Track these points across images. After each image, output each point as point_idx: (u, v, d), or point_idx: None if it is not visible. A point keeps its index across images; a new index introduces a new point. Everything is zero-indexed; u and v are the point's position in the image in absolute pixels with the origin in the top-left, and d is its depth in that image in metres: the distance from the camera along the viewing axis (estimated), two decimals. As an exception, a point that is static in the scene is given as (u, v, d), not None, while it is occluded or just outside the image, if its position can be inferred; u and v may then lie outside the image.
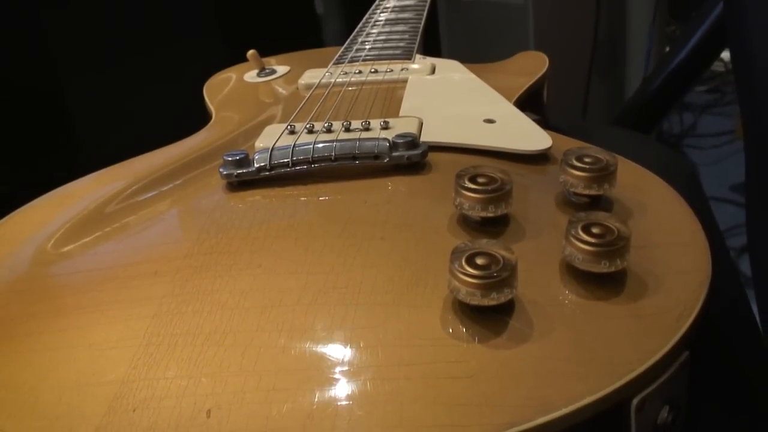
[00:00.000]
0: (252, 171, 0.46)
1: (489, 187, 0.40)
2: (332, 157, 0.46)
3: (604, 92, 1.63)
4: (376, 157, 0.46)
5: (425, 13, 0.79)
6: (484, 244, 0.35)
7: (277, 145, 0.48)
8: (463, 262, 0.34)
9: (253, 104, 0.63)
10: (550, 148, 0.48)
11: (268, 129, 0.52)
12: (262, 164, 0.46)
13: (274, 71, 0.69)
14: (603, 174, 0.41)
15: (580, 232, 0.36)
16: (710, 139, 1.86)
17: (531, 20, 1.54)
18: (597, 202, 0.43)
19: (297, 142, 0.47)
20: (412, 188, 0.45)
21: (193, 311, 0.36)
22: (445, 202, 0.41)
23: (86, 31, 1.19)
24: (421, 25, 0.74)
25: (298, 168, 0.46)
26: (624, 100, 1.68)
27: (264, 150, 0.47)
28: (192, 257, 0.40)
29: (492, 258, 0.34)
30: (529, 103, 0.60)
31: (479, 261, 0.34)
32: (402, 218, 0.42)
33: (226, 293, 0.37)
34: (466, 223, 0.41)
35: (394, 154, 0.46)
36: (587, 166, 0.42)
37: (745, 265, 0.63)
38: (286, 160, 0.46)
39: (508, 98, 0.56)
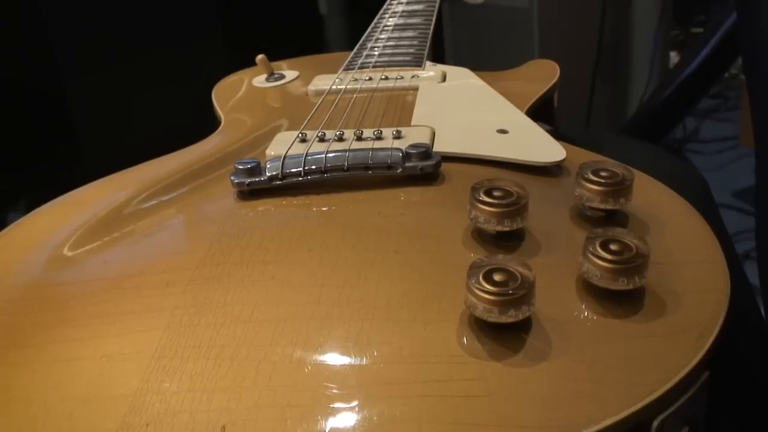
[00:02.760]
0: (264, 180, 0.46)
1: (505, 201, 0.39)
2: (345, 167, 0.46)
3: (608, 96, 1.63)
4: (389, 167, 0.45)
5: (434, 19, 0.78)
6: (502, 259, 0.35)
7: (289, 153, 0.48)
8: (481, 279, 0.34)
9: (262, 110, 0.63)
10: (564, 160, 0.47)
11: (279, 136, 0.52)
12: (274, 173, 0.46)
13: (282, 76, 0.68)
14: (619, 188, 0.41)
15: (599, 249, 0.36)
16: (713, 145, 1.86)
17: (536, 24, 1.54)
18: (612, 217, 0.42)
19: (309, 151, 0.47)
20: (425, 199, 0.44)
21: (206, 324, 0.36)
22: (460, 214, 0.41)
23: (89, 31, 1.18)
24: (431, 32, 0.74)
25: (310, 177, 0.46)
26: (628, 104, 1.67)
27: (276, 159, 0.46)
28: (204, 268, 0.39)
29: (510, 275, 0.34)
30: (540, 112, 0.59)
31: (497, 277, 0.34)
32: (416, 230, 0.41)
33: (239, 305, 0.37)
34: (481, 236, 0.40)
35: (408, 164, 0.45)
36: (603, 180, 0.41)
37: (748, 271, 0.63)
38: (298, 170, 0.46)
39: (520, 107, 0.56)
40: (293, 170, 0.46)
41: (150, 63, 1.23)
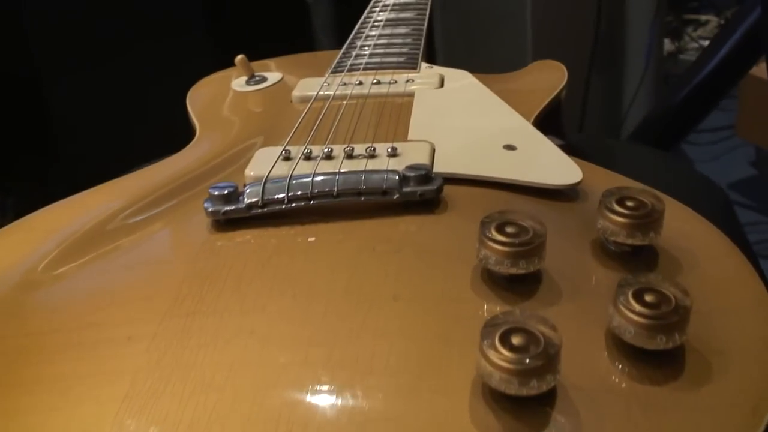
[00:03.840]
0: (242, 208, 0.40)
1: (520, 240, 0.34)
2: (334, 193, 0.40)
3: (602, 86, 1.58)
4: (385, 192, 0.40)
5: (428, 13, 0.73)
6: (520, 317, 0.30)
7: (272, 176, 0.42)
8: (497, 342, 0.28)
9: (242, 118, 0.57)
10: (580, 182, 0.42)
11: (259, 153, 0.46)
12: (254, 200, 0.40)
13: (264, 79, 0.62)
14: (648, 221, 0.36)
15: (632, 301, 0.31)
16: (707, 135, 1.81)
17: (528, 13, 1.49)
18: (640, 252, 0.37)
19: (294, 174, 0.42)
20: (426, 232, 0.39)
21: (172, 392, 0.30)
22: (466, 250, 0.36)
23: (69, 28, 1.12)
24: (425, 28, 0.68)
25: (294, 205, 0.40)
26: (623, 96, 1.62)
27: (255, 183, 0.41)
28: (172, 318, 0.34)
29: (531, 337, 0.29)
30: (547, 121, 0.54)
31: (516, 340, 0.29)
32: (417, 271, 0.36)
33: (212, 368, 0.31)
34: (492, 279, 0.35)
35: (405, 189, 0.40)
36: (630, 212, 0.36)
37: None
38: (281, 196, 0.40)
39: (527, 116, 0.50)
40: (276, 197, 0.40)
41: (130, 59, 1.17)
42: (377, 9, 0.75)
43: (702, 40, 2.21)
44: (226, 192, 0.40)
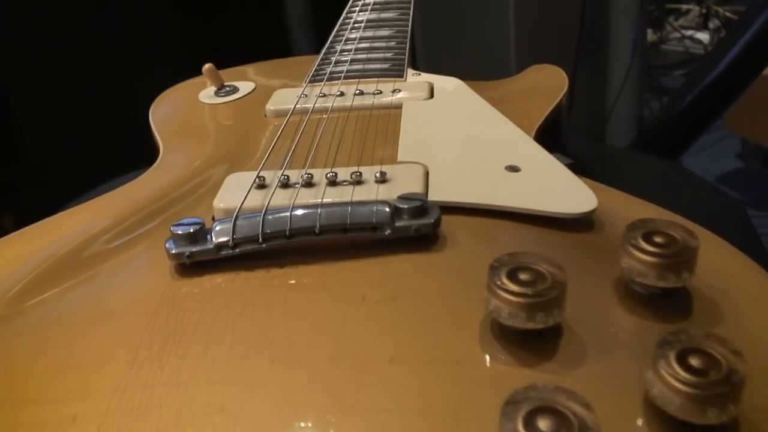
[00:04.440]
0: (210, 249, 0.35)
1: (536, 289, 0.29)
2: (316, 230, 0.35)
3: (587, 79, 1.53)
4: (374, 228, 0.35)
5: (411, 12, 0.67)
6: (546, 392, 0.25)
7: (244, 209, 0.37)
8: (520, 427, 0.23)
9: (210, 137, 0.51)
10: (595, 210, 0.37)
11: (229, 180, 0.41)
12: (223, 239, 0.35)
13: (235, 89, 0.57)
14: (681, 260, 0.31)
15: (676, 366, 0.26)
16: (694, 128, 1.78)
17: (511, 10, 1.44)
18: (671, 295, 0.32)
19: (269, 207, 0.36)
20: (423, 275, 0.34)
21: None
22: (471, 297, 0.31)
23: (34, 36, 1.05)
24: (409, 28, 0.63)
25: (271, 244, 0.35)
26: (607, 90, 1.58)
27: (225, 219, 0.35)
28: (126, 392, 0.28)
29: (561, 420, 0.24)
30: (547, 132, 0.49)
31: (543, 425, 0.24)
32: (415, 326, 0.31)
33: (174, 460, 0.26)
34: (504, 334, 0.30)
35: (398, 224, 0.35)
36: (660, 250, 0.31)
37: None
38: (254, 234, 0.35)
39: (527, 130, 0.45)
40: (248, 235, 0.35)
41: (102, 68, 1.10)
42: (357, 8, 0.69)
43: (684, 29, 2.17)
44: (191, 230, 0.35)
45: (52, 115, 1.07)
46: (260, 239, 0.35)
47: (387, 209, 0.35)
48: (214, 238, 0.35)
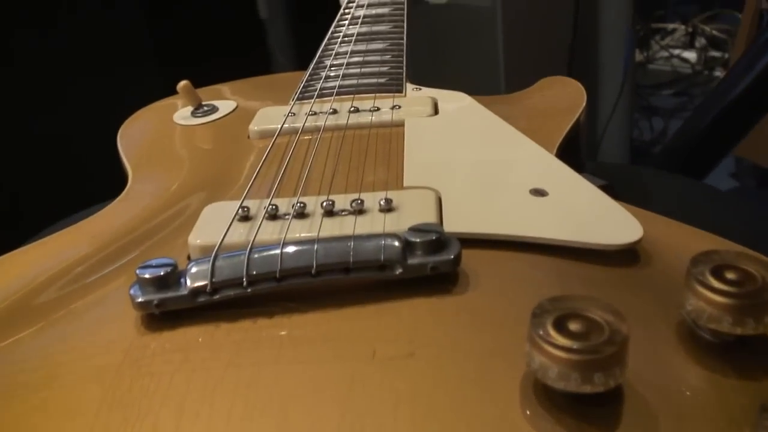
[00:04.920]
0: (184, 296, 0.29)
1: (592, 343, 0.23)
2: (312, 270, 0.29)
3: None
4: (383, 267, 0.29)
5: (405, 26, 0.62)
6: None
7: (225, 246, 0.31)
8: None
9: (185, 162, 0.45)
10: (641, 240, 0.31)
11: (208, 212, 0.35)
12: (200, 284, 0.29)
13: (214, 109, 0.51)
14: (761, 302, 0.25)
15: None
16: (687, 147, 1.74)
17: (499, 24, 1.40)
18: (749, 344, 0.26)
19: (255, 244, 0.30)
20: (444, 324, 0.28)
21: None
22: (505, 351, 0.25)
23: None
24: (404, 41, 0.57)
25: (257, 288, 0.29)
26: (598, 110, 1.54)
27: (203, 259, 0.29)
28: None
29: None
30: (565, 153, 0.43)
31: None
32: (439, 390, 0.25)
33: None
34: (552, 400, 0.24)
35: (411, 261, 0.29)
36: (735, 289, 0.25)
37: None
38: (237, 277, 0.29)
39: (547, 149, 0.40)
40: (230, 278, 0.29)
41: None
42: (345, 22, 0.63)
43: (671, 48, 2.15)
44: (161, 273, 0.29)
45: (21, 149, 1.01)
46: (245, 283, 0.29)
47: (397, 244, 0.29)
48: (188, 283, 0.29)
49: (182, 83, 0.49)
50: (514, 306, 0.27)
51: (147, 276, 0.29)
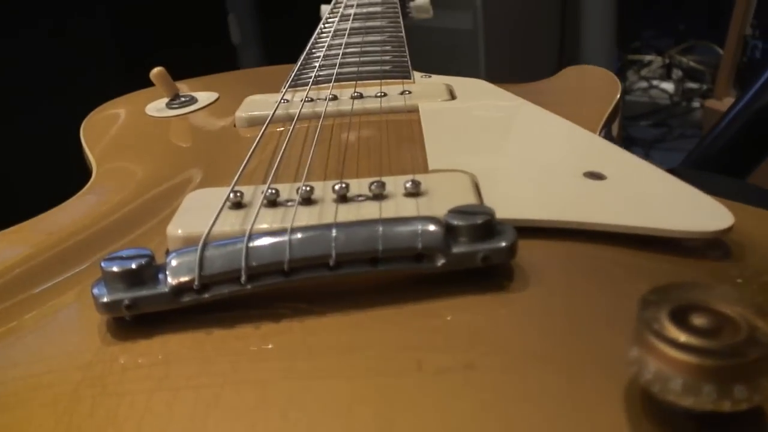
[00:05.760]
0: (163, 295, 0.22)
1: (731, 344, 0.17)
2: (330, 261, 0.22)
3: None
4: (420, 256, 0.22)
5: (401, 18, 0.56)
6: None
7: (215, 235, 0.24)
8: None
9: (161, 152, 0.39)
10: (731, 227, 0.25)
11: (191, 199, 0.28)
12: (185, 278, 0.22)
13: (193, 99, 0.44)
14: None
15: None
16: (673, 167, 1.72)
17: (481, 46, 1.36)
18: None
19: (253, 231, 0.23)
20: (506, 327, 0.21)
21: None
22: (594, 359, 0.18)
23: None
24: (404, 35, 0.51)
25: (258, 284, 0.22)
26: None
27: (188, 249, 0.23)
28: None
29: None
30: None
31: None
32: (515, 410, 0.18)
33: None
34: (673, 423, 0.17)
35: (456, 249, 0.22)
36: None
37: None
38: (234, 269, 0.22)
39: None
40: (224, 270, 0.22)
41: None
42: (335, 18, 0.58)
43: (648, 80, 2.14)
44: (132, 266, 0.22)
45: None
46: (243, 277, 0.22)
47: (437, 228, 0.23)
48: (170, 278, 0.22)
49: (156, 70, 0.43)
50: (592, 304, 0.21)
51: (115, 269, 0.22)
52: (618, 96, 0.39)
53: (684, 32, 2.22)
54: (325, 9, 0.64)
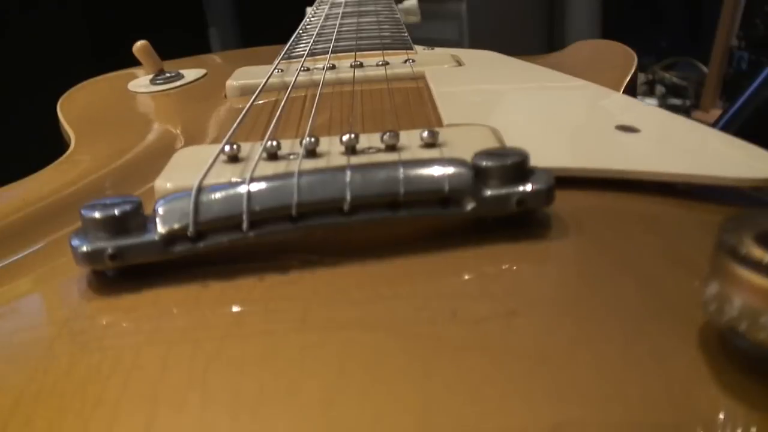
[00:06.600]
0: (152, 243, 0.19)
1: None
2: (345, 205, 0.19)
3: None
4: (446, 200, 0.20)
5: (395, 7, 0.54)
6: None
7: (208, 181, 0.21)
8: None
9: (147, 124, 0.36)
10: (783, 175, 0.23)
11: (180, 156, 0.25)
12: (177, 225, 0.19)
13: (179, 75, 0.41)
14: None
15: None
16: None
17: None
18: None
19: (254, 175, 0.21)
20: (549, 277, 0.19)
21: None
22: (655, 305, 0.16)
23: None
24: (399, 17, 0.49)
25: (262, 231, 0.19)
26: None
27: (180, 195, 0.20)
28: None
29: None
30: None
31: None
32: (572, 360, 0.15)
33: None
34: (756, 363, 0.15)
35: (487, 193, 0.20)
36: None
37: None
38: (234, 214, 0.19)
39: (606, 101, 0.31)
40: (222, 215, 0.19)
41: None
42: (324, 6, 0.55)
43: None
44: (116, 212, 0.19)
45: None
46: (245, 223, 0.19)
47: (465, 170, 0.20)
48: (159, 225, 0.19)
49: (139, 43, 0.40)
50: (644, 252, 0.18)
51: (96, 216, 0.19)
52: (635, 66, 0.37)
53: (666, 49, 2.23)
54: (310, 11, 0.61)
